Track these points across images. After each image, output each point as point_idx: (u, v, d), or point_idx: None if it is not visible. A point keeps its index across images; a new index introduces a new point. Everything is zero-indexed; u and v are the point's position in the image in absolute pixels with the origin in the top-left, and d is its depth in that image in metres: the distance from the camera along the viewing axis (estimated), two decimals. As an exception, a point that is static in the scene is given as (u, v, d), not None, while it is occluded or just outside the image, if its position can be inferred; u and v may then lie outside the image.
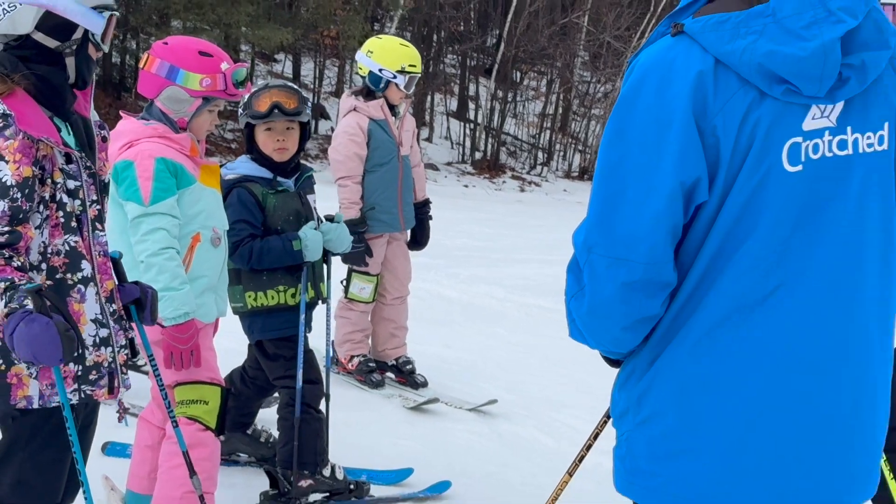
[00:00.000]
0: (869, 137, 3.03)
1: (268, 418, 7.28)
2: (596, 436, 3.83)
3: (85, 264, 4.20)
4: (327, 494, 6.60)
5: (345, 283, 8.88)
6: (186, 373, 5.40)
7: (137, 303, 4.57)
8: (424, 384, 9.06)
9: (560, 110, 43.01)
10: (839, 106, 2.97)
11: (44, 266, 4.12)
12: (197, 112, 5.70)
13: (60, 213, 4.15)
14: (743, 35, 2.90)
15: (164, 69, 5.62)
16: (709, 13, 2.97)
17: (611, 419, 3.33)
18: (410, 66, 8.85)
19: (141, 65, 5.79)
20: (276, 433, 6.88)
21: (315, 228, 6.62)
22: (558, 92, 42.96)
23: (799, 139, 2.93)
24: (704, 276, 3.01)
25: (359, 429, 7.77)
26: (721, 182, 2.94)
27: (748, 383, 3.00)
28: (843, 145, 2.98)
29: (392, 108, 8.99)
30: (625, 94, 3.03)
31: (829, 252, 3.00)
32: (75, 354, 3.94)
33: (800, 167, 2.94)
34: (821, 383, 3.03)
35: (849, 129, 2.99)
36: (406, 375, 9.13)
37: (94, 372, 4.20)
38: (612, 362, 3.30)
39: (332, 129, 13.42)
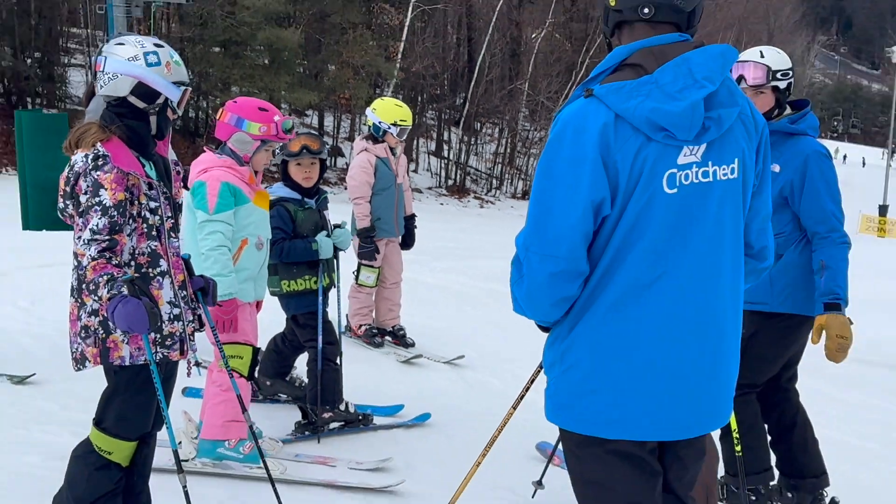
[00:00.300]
0: (724, 169, 3.12)
1: (301, 370, 7.25)
2: (532, 381, 3.80)
3: (162, 262, 4.32)
4: (343, 423, 6.66)
5: (355, 273, 8.93)
6: (228, 335, 5.54)
7: (203, 290, 4.65)
8: (412, 345, 9.13)
9: (508, 150, 43.38)
10: (703, 147, 3.06)
11: (132, 263, 4.23)
12: (256, 151, 5.83)
13: (144, 225, 4.26)
14: (635, 97, 2.97)
15: (233, 119, 5.78)
16: (611, 81, 3.05)
17: (542, 369, 3.35)
18: (401, 120, 8.91)
19: (217, 116, 5.94)
20: (306, 380, 6.91)
21: (327, 235, 6.77)
22: (507, 137, 43.32)
23: (675, 170, 3.02)
24: (608, 268, 3.07)
25: (365, 376, 7.77)
26: (620, 201, 3.01)
27: (639, 343, 3.08)
28: (706, 174, 3.08)
29: (391, 149, 9.02)
30: (552, 138, 3.08)
31: (697, 249, 3.09)
32: (157, 326, 4.05)
33: (675, 190, 3.04)
34: (690, 343, 3.12)
35: (710, 163, 3.08)
36: (399, 338, 9.21)
37: (169, 339, 4.32)
38: (543, 328, 3.33)
39: (347, 164, 13.42)
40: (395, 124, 8.92)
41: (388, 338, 9.25)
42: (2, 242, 12.60)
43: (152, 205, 4.26)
